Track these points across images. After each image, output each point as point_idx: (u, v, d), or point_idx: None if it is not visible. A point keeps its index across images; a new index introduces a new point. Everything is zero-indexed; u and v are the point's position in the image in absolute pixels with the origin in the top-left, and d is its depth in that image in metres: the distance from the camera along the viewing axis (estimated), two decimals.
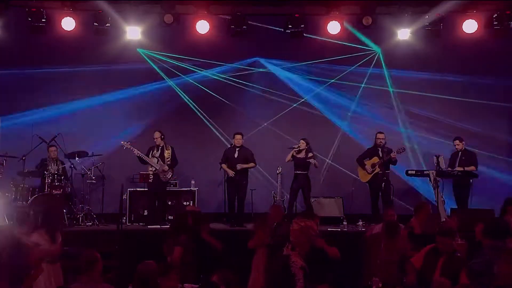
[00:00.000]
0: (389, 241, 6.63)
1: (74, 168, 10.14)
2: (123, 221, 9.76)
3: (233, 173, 9.94)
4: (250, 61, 11.57)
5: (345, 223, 9.82)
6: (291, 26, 11.03)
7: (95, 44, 11.03)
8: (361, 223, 9.65)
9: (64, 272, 6.30)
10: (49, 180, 9.62)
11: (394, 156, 9.98)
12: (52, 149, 10.05)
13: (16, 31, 10.98)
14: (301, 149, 10.04)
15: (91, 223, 9.91)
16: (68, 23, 10.86)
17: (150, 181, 9.83)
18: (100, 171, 10.42)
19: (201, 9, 11.10)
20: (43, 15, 10.70)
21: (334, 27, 11.05)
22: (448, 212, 9.38)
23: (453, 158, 10.18)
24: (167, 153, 9.97)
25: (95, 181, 10.42)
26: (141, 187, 10.35)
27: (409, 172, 10.10)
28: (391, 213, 7.52)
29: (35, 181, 10.07)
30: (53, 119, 11.04)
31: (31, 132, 10.05)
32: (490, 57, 11.27)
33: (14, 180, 9.62)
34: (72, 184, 10.18)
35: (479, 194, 10.13)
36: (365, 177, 10.21)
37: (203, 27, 11.01)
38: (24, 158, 9.68)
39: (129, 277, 4.91)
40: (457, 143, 10.16)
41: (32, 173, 9.88)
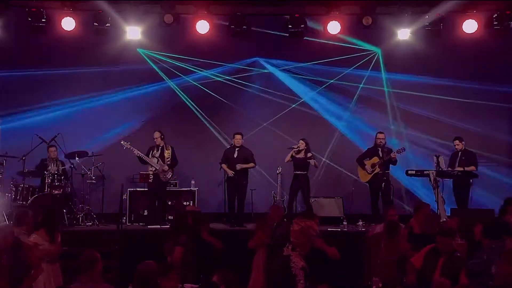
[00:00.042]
0: (389, 241, 6.64)
1: (74, 168, 10.13)
2: (123, 221, 9.77)
3: (232, 173, 9.93)
4: (249, 61, 11.57)
5: (345, 223, 9.81)
6: (291, 26, 11.03)
7: (95, 44, 11.03)
8: (361, 223, 9.65)
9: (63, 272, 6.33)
10: (49, 180, 9.61)
11: (394, 156, 9.97)
12: (51, 149, 10.04)
13: (16, 31, 10.98)
14: (300, 149, 10.04)
15: (91, 223, 9.90)
16: (68, 23, 10.86)
17: (150, 181, 9.83)
18: (100, 171, 10.42)
19: (201, 9, 11.09)
20: (43, 15, 10.70)
21: (334, 27, 11.05)
22: (448, 212, 9.38)
23: (453, 158, 10.17)
24: (167, 153, 9.97)
25: (95, 181, 10.42)
26: (141, 187, 10.34)
27: (409, 172, 10.10)
28: (392, 213, 7.50)
29: (35, 181, 10.07)
30: (53, 119, 11.04)
31: (31, 132, 10.03)
32: (490, 57, 11.27)
33: (14, 180, 9.63)
34: (72, 184, 10.17)
35: (479, 194, 10.15)
36: (365, 177, 10.21)
37: (203, 27, 11.01)
38: (24, 158, 9.66)
39: (129, 277, 4.91)
40: (457, 143, 10.14)
41: (32, 173, 9.88)
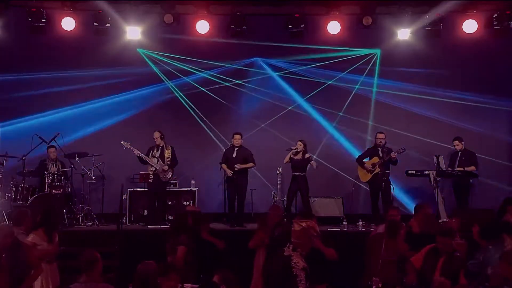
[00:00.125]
0: (389, 241, 6.64)
1: (74, 168, 10.13)
2: (123, 221, 9.76)
3: (231, 172, 9.93)
4: (249, 61, 11.56)
5: (345, 223, 9.80)
6: (291, 26, 11.03)
7: (95, 44, 11.04)
8: (361, 223, 9.65)
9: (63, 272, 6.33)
10: (49, 180, 9.61)
11: (394, 156, 9.94)
12: (51, 150, 10.04)
13: (16, 31, 10.99)
14: (298, 150, 10.04)
15: (91, 223, 9.89)
16: (68, 23, 10.88)
17: (150, 181, 9.82)
18: (100, 171, 10.41)
19: (201, 9, 11.10)
20: (43, 15, 10.71)
21: (334, 27, 11.06)
22: (448, 212, 9.39)
23: (453, 158, 10.17)
24: (167, 153, 9.95)
25: (95, 181, 10.41)
26: (141, 187, 10.34)
27: (409, 172, 10.09)
28: (394, 213, 7.48)
29: (35, 181, 10.07)
30: (53, 119, 11.02)
31: (31, 132, 10.02)
32: (490, 57, 11.27)
33: (14, 180, 9.62)
34: (72, 184, 10.16)
35: (479, 194, 10.15)
36: (365, 177, 10.20)
37: (203, 27, 11.01)
38: (24, 158, 9.66)
39: (129, 277, 4.92)
40: (457, 143, 10.14)
41: (32, 173, 9.88)
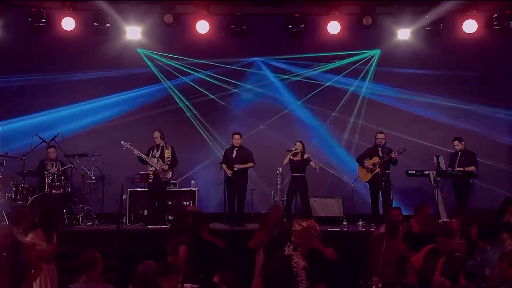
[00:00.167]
0: (390, 241, 6.64)
1: (74, 168, 10.13)
2: (123, 221, 9.77)
3: (231, 172, 9.93)
4: (249, 61, 11.55)
5: (345, 223, 9.80)
6: (291, 26, 11.03)
7: (95, 44, 11.05)
8: (361, 223, 9.65)
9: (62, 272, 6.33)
10: (49, 180, 9.60)
11: (394, 156, 9.92)
12: (51, 150, 10.02)
13: (16, 31, 10.99)
14: (297, 151, 10.04)
15: (91, 223, 9.89)
16: (68, 23, 10.89)
17: (150, 181, 9.81)
18: (100, 171, 10.41)
19: (201, 9, 11.11)
20: (43, 15, 10.72)
21: (334, 27, 11.06)
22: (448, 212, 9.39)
23: (453, 158, 10.17)
24: (167, 152, 9.95)
25: (95, 181, 10.41)
26: (141, 187, 10.33)
27: (409, 172, 10.09)
28: (396, 213, 7.47)
29: (35, 181, 10.06)
30: (53, 119, 11.01)
31: (31, 132, 10.01)
32: (490, 57, 11.27)
33: (14, 180, 9.62)
34: (72, 184, 10.15)
35: (479, 194, 10.14)
36: (365, 177, 10.19)
37: (203, 27, 11.02)
38: (24, 158, 9.65)
39: (129, 277, 4.92)
40: (457, 143, 10.13)
41: (32, 173, 9.86)
